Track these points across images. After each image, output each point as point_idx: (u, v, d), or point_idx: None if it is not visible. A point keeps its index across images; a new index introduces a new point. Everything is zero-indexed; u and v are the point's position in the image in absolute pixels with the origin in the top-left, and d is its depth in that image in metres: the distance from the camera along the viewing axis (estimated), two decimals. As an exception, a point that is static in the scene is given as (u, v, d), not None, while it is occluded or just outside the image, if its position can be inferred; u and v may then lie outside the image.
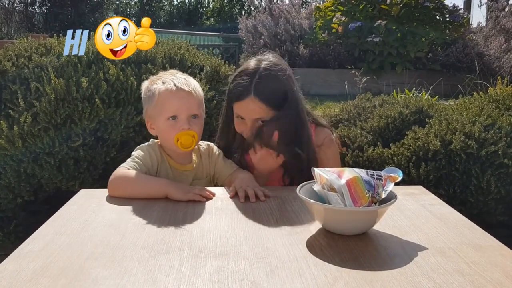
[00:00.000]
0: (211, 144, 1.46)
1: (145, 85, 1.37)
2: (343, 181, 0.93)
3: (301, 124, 1.38)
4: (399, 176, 0.98)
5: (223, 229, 0.98)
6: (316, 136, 1.47)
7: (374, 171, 0.98)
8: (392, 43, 6.02)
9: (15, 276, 0.77)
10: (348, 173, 0.96)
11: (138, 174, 1.22)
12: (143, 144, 1.37)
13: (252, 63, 1.38)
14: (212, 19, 20.94)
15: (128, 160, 1.30)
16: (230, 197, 1.21)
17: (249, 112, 1.34)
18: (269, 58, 1.39)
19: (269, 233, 0.96)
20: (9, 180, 1.69)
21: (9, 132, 1.66)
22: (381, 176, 0.96)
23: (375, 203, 0.93)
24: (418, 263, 0.82)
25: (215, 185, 1.44)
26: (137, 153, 1.32)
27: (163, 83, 1.30)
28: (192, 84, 1.33)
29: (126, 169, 1.24)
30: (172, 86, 1.28)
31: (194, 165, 1.38)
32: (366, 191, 0.92)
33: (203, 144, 1.45)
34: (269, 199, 1.19)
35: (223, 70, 2.09)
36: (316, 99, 4.74)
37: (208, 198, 1.16)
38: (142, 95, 1.37)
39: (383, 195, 0.95)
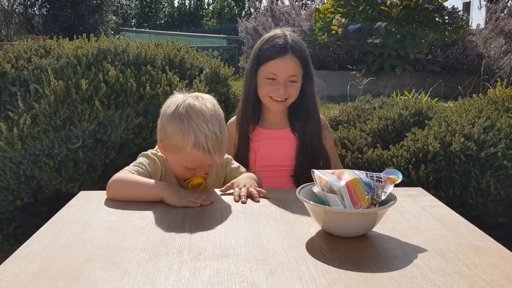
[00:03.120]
0: (230, 158, 1.43)
1: (177, 116, 1.19)
2: (342, 182, 0.93)
3: (314, 99, 1.55)
4: (399, 178, 0.98)
5: (223, 231, 0.98)
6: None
7: (373, 173, 0.98)
8: (391, 45, 6.03)
9: (14, 278, 0.77)
10: (348, 175, 0.96)
11: (136, 176, 1.21)
12: (150, 151, 1.33)
13: (278, 30, 1.52)
14: (213, 20, 20.98)
15: (131, 164, 1.28)
16: (220, 191, 1.25)
17: (286, 68, 1.45)
18: (289, 30, 1.55)
19: (269, 235, 0.96)
20: (8, 182, 1.68)
21: (8, 134, 1.66)
22: (381, 178, 0.96)
23: (374, 205, 0.93)
24: (418, 265, 0.82)
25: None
26: (142, 159, 1.29)
27: (196, 138, 1.16)
28: (224, 141, 1.22)
29: (127, 172, 1.23)
30: (206, 153, 1.18)
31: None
32: (366, 193, 0.92)
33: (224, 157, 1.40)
34: (269, 200, 1.19)
35: (223, 72, 2.09)
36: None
37: (204, 205, 1.14)
38: (169, 120, 1.21)
39: (383, 197, 0.95)
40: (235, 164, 1.43)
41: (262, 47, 1.50)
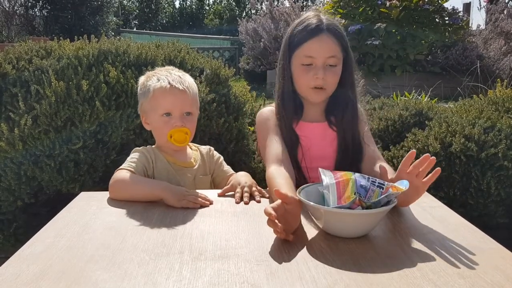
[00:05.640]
0: (212, 148, 1.49)
1: (141, 80, 1.39)
2: (334, 180, 0.94)
3: (353, 84, 1.38)
4: (403, 187, 0.96)
5: (223, 232, 0.98)
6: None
7: (376, 179, 0.98)
8: (391, 46, 6.03)
9: (15, 279, 0.77)
10: (345, 175, 0.96)
11: (137, 177, 1.23)
12: (139, 147, 1.39)
13: (309, 13, 1.37)
14: (214, 21, 21.03)
15: (126, 161, 1.32)
16: (218, 195, 1.23)
17: (323, 48, 1.29)
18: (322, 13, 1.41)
19: (269, 235, 0.96)
20: (9, 182, 1.69)
21: (9, 134, 1.67)
22: (383, 185, 0.96)
23: (363, 207, 0.93)
24: (419, 265, 0.82)
25: (213, 186, 1.45)
26: (132, 154, 1.35)
27: (158, 79, 1.32)
28: (186, 81, 1.34)
29: (125, 171, 1.25)
30: (167, 84, 1.30)
31: (195, 163, 1.40)
32: (355, 192, 0.92)
33: (205, 146, 1.48)
34: (268, 200, 1.19)
35: (223, 73, 2.09)
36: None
37: (204, 206, 1.15)
38: (138, 90, 1.39)
39: (373, 200, 0.94)
40: (225, 165, 1.46)
41: (293, 32, 1.34)
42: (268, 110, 1.42)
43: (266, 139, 1.34)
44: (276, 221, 0.88)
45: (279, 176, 1.16)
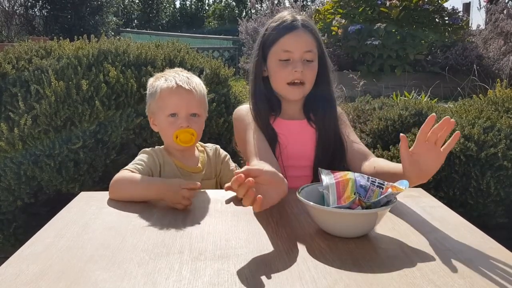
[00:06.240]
0: (218, 146, 1.48)
1: (150, 81, 1.39)
2: (334, 180, 0.94)
3: (330, 86, 1.39)
4: (403, 187, 0.95)
5: (223, 232, 0.98)
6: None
7: (378, 180, 0.97)
8: (391, 46, 6.04)
9: (14, 279, 0.77)
10: (345, 175, 0.97)
11: (136, 177, 1.22)
12: (147, 148, 1.38)
13: (284, 12, 1.38)
14: (214, 21, 21.03)
15: (131, 163, 1.30)
16: (225, 190, 1.21)
17: (300, 42, 1.29)
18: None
19: (269, 235, 0.96)
20: (9, 182, 1.69)
21: (9, 134, 1.67)
22: (383, 185, 0.96)
23: (363, 207, 0.93)
24: (418, 265, 0.82)
25: (220, 186, 1.45)
26: (140, 156, 1.33)
27: (166, 80, 1.32)
28: (194, 82, 1.33)
29: (127, 171, 1.24)
30: (173, 84, 1.30)
31: (202, 167, 1.39)
32: (355, 192, 0.92)
33: (211, 145, 1.47)
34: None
35: (223, 73, 2.09)
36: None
37: (194, 189, 1.13)
38: (147, 91, 1.39)
39: (373, 200, 0.94)
40: (232, 164, 1.46)
41: (267, 30, 1.34)
42: (245, 107, 1.41)
43: (246, 135, 1.32)
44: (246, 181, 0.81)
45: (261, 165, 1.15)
